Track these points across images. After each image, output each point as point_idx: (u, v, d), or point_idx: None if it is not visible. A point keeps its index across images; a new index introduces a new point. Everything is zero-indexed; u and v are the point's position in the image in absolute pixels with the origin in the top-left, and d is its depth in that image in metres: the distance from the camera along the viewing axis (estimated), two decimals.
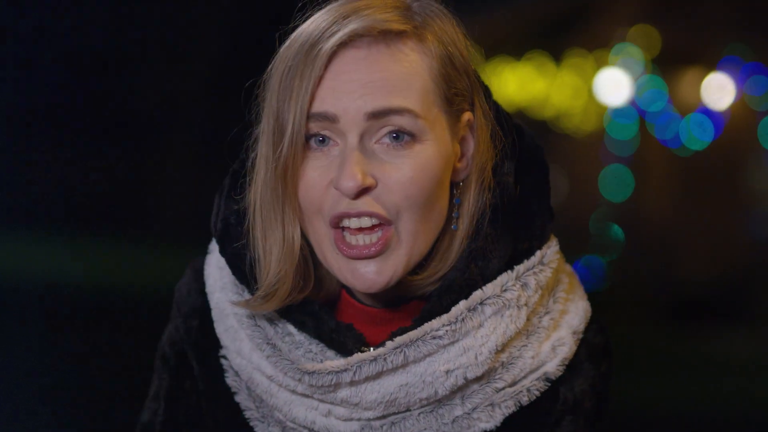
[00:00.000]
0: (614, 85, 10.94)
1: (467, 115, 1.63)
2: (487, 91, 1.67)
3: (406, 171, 1.56)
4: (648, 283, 10.68)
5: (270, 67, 1.61)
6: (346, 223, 1.57)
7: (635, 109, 10.94)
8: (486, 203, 1.62)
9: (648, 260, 10.85)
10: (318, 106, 1.56)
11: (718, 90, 10.63)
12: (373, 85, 1.55)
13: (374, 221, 1.57)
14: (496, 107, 1.67)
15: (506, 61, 11.88)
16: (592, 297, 1.77)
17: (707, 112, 10.59)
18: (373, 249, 1.57)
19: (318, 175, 1.57)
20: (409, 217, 1.57)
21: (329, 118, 1.56)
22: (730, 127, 10.77)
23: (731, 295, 10.49)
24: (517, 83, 11.82)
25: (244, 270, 1.63)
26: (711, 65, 10.58)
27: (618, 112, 11.00)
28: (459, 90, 1.62)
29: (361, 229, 1.57)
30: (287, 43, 1.60)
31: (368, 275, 1.57)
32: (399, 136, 1.56)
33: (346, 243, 1.58)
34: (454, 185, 1.64)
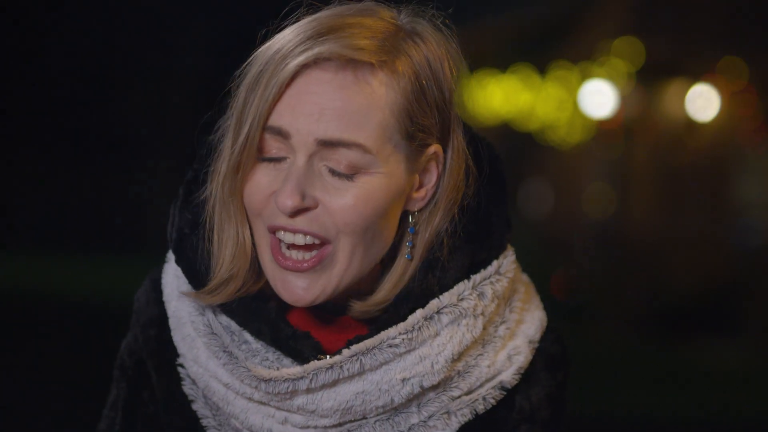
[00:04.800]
0: (599, 97, 10.97)
1: (434, 148, 1.62)
2: (461, 124, 1.66)
3: (348, 198, 1.56)
4: (634, 294, 10.69)
5: (246, 63, 1.61)
6: (281, 236, 1.58)
7: (620, 121, 10.98)
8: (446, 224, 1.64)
9: (634, 272, 10.86)
10: (275, 120, 1.56)
11: (702, 101, 10.66)
12: (330, 113, 1.54)
13: (308, 240, 1.57)
14: (473, 139, 1.67)
15: (492, 73, 11.92)
16: (580, 309, 1.78)
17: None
18: (305, 264, 1.58)
19: (265, 182, 1.58)
20: (348, 241, 1.57)
21: (282, 134, 1.56)
22: (715, 139, 10.79)
23: (717, 306, 10.52)
24: (503, 96, 11.86)
25: (199, 279, 1.64)
26: (695, 76, 10.61)
27: (602, 124, 11.04)
28: (424, 126, 1.60)
29: (294, 246, 1.58)
30: (267, 44, 1.60)
31: (296, 290, 1.58)
32: (335, 172, 1.56)
33: (281, 253, 1.59)
34: (409, 214, 1.63)
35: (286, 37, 1.58)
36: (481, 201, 1.66)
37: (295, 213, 1.56)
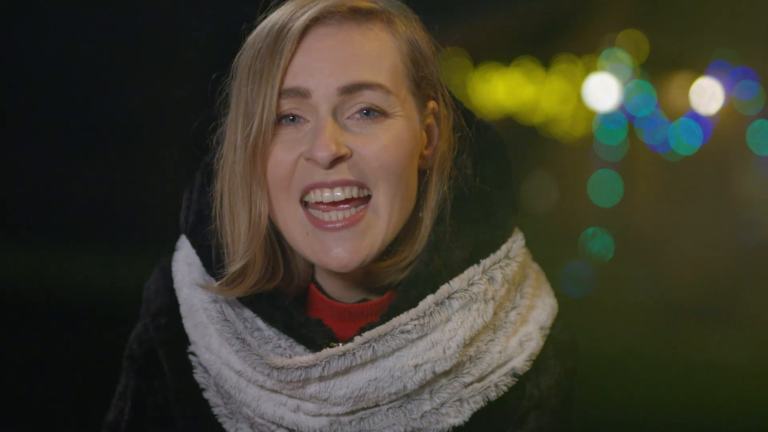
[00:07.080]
0: (603, 91, 10.95)
1: (432, 104, 1.65)
2: (444, 85, 1.69)
3: (380, 141, 1.57)
4: (637, 287, 10.68)
5: (237, 56, 1.61)
6: (318, 197, 1.57)
7: (624, 114, 10.97)
8: (446, 193, 1.63)
9: (637, 265, 10.85)
10: (290, 82, 1.57)
11: (707, 95, 10.65)
12: (344, 61, 1.57)
13: (347, 194, 1.57)
14: (456, 104, 1.69)
15: (495, 67, 11.91)
16: (582, 303, 1.77)
17: (696, 117, 10.61)
18: (346, 223, 1.57)
19: (288, 150, 1.57)
20: (387, 188, 1.57)
21: (301, 94, 1.56)
22: (719, 132, 10.78)
23: (720, 300, 10.49)
24: (506, 89, 11.84)
25: (214, 263, 1.63)
26: (700, 70, 10.59)
27: (606, 117, 11.03)
28: (426, 75, 1.63)
29: (335, 204, 1.57)
30: (254, 32, 1.61)
31: (343, 254, 1.57)
32: (369, 111, 1.57)
33: (323, 221, 1.58)
34: (421, 173, 1.65)
35: (276, 15, 1.60)
36: (484, 180, 1.67)
37: (332, 163, 1.55)
